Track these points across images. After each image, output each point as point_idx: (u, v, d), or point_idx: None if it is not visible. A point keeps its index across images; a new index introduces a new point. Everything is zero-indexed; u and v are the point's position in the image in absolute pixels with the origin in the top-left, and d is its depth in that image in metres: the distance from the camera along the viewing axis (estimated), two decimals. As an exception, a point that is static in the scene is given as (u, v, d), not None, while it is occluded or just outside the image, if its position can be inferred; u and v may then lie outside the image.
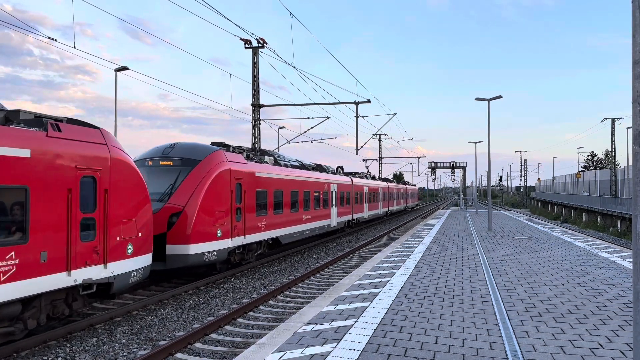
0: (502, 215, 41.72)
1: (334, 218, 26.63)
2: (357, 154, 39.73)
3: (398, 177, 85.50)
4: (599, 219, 45.06)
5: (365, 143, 40.49)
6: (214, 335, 9.26)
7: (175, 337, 8.90)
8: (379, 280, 10.88)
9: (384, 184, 44.08)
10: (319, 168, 26.68)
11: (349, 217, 30.30)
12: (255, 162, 17.00)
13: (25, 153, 7.68)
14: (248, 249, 16.21)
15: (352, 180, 31.49)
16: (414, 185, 78.67)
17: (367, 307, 8.37)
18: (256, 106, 28.68)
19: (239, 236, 15.02)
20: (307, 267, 17.78)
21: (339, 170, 32.46)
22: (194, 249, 13.01)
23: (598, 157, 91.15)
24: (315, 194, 22.84)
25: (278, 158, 20.25)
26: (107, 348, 8.56)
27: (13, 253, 7.37)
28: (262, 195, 16.76)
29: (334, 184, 26.65)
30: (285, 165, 20.22)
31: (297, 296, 13.01)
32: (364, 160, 48.32)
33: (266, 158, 18.52)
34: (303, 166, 23.09)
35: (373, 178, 42.76)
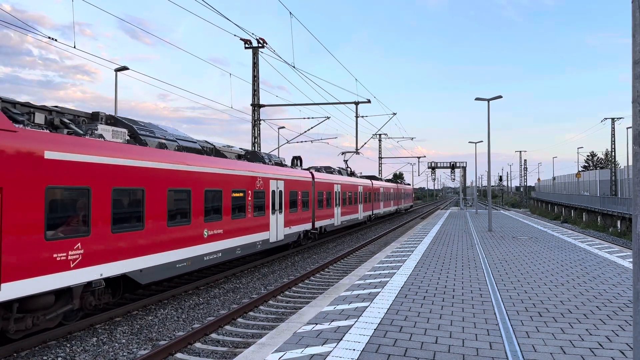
0: (502, 215, 41.72)
1: (277, 229, 18.50)
2: (357, 153, 38.96)
3: (398, 177, 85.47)
4: (599, 219, 45.07)
5: (365, 143, 40.00)
6: (214, 335, 9.27)
7: (175, 337, 8.90)
8: (379, 280, 10.88)
9: (366, 181, 36.76)
10: (251, 156, 18.70)
11: (307, 226, 22.34)
12: (70, 134, 9.48)
13: None
14: (22, 308, 8.21)
15: (313, 175, 23.59)
16: (408, 185, 71.61)
17: (367, 307, 8.37)
18: (256, 106, 28.68)
19: None
20: (307, 267, 17.79)
21: (295, 162, 24.92)
22: None
23: (598, 157, 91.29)
24: (235, 195, 15.03)
25: (146, 132, 12.02)
26: (107, 348, 8.57)
27: None
28: (72, 199, 8.99)
29: (276, 179, 18.54)
30: (162, 146, 12.20)
31: (297, 296, 13.01)
32: (343, 153, 37.81)
33: (101, 129, 10.40)
34: (214, 151, 15.39)
35: (352, 174, 35.63)
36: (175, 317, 10.71)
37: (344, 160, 37.52)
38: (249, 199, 16.12)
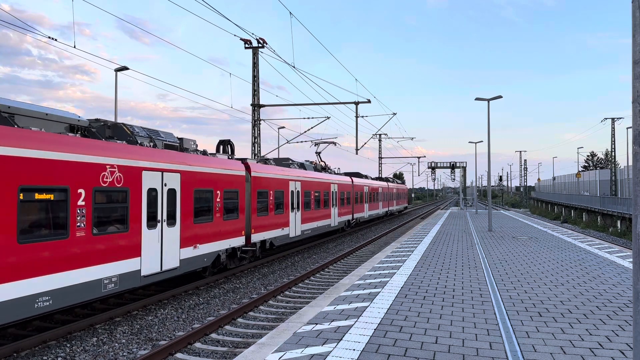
0: (502, 215, 41.71)
1: (163, 252, 11.60)
2: (357, 153, 38.66)
3: (398, 177, 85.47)
4: (599, 219, 45.06)
5: (365, 143, 39.75)
6: (214, 335, 9.27)
7: (175, 337, 8.90)
8: (379, 280, 10.88)
9: (344, 179, 30.33)
10: (112, 132, 11.60)
11: (234, 242, 15.30)
12: None
13: None
14: None
15: (248, 167, 16.68)
16: (403, 183, 65.07)
17: (367, 307, 8.37)
18: (256, 106, 28.68)
19: None
20: (307, 267, 17.79)
21: (224, 148, 17.59)
22: None
23: (598, 157, 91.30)
24: (37, 199, 8.23)
25: None
26: (107, 348, 8.57)
27: None
28: None
29: (161, 171, 11.59)
30: None
31: (297, 296, 13.01)
32: (316, 144, 30.33)
33: None
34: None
35: (323, 169, 28.39)
36: (175, 317, 10.71)
37: (316, 153, 30.01)
38: (82, 203, 9.19)
